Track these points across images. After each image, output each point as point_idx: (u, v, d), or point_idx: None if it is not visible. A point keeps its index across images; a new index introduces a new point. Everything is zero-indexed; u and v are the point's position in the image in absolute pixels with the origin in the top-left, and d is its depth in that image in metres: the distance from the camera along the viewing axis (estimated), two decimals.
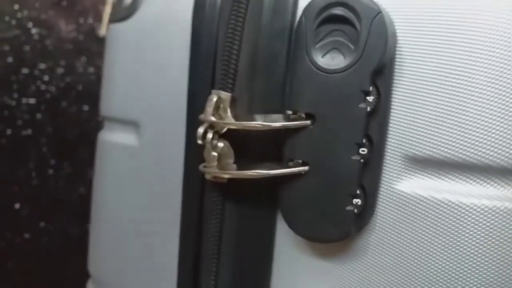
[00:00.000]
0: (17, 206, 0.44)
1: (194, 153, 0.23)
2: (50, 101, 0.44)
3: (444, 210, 0.18)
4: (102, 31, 0.50)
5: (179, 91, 0.23)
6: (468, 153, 0.17)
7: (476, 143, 0.17)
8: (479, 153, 0.17)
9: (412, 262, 0.18)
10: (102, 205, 0.27)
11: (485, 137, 0.17)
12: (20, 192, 0.43)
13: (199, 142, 0.20)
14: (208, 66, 0.22)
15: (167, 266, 0.24)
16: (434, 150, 0.18)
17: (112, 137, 0.26)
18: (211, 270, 0.23)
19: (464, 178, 0.18)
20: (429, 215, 0.18)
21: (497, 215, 0.17)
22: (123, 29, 0.25)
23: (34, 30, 0.43)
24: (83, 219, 0.49)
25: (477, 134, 0.17)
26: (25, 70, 0.42)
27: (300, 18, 0.19)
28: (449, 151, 0.17)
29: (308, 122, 0.19)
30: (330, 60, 0.18)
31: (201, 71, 0.22)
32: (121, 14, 0.25)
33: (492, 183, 0.18)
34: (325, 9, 0.18)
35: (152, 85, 0.24)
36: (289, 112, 0.19)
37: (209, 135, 0.20)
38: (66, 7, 0.46)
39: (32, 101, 0.43)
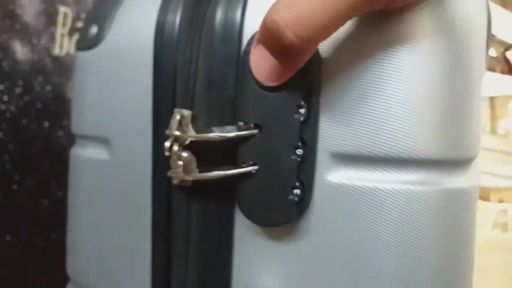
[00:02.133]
0: None
1: (160, 162, 0.26)
2: (11, 120, 0.47)
3: (365, 195, 0.23)
4: (56, 50, 0.53)
5: (144, 110, 0.27)
6: (380, 149, 0.22)
7: (384, 140, 0.22)
8: (388, 148, 0.22)
9: (343, 241, 0.23)
10: (77, 212, 0.31)
11: (391, 135, 0.22)
12: None
13: (167, 153, 0.24)
14: (169, 87, 0.26)
15: (142, 265, 0.28)
16: (354, 148, 0.23)
17: (84, 152, 0.30)
18: (182, 263, 0.27)
19: (380, 168, 0.23)
20: (354, 201, 0.23)
21: (410, 196, 0.22)
22: (91, 56, 0.29)
23: None
24: (47, 230, 0.51)
25: (385, 134, 0.22)
26: None
27: (246, 47, 0.23)
28: (365, 148, 0.22)
29: (256, 131, 0.23)
30: None
31: (164, 92, 0.26)
32: (88, 43, 0.29)
33: (403, 170, 0.23)
34: None
35: (120, 105, 0.27)
36: (241, 123, 0.24)
37: (175, 147, 0.24)
38: (20, 30, 0.48)
39: None
